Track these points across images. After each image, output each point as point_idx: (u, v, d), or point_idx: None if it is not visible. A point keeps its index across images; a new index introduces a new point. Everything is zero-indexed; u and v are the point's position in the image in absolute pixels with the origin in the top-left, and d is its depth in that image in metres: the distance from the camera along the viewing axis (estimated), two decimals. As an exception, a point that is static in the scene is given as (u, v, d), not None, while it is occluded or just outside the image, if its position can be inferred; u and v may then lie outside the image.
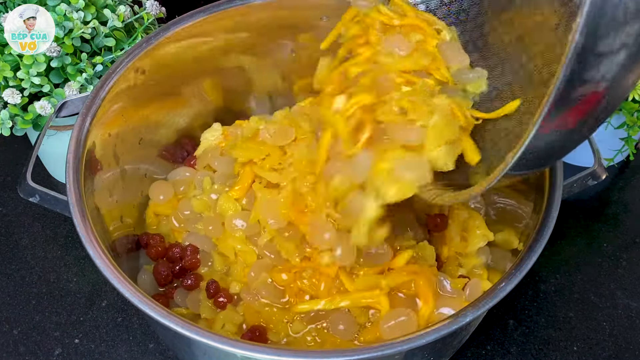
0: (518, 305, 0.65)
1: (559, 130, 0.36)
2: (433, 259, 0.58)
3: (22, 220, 0.73)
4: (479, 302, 0.44)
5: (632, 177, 0.78)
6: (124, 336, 0.63)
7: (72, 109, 0.58)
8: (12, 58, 0.61)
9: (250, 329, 0.55)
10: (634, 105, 0.63)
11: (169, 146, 0.70)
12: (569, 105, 0.34)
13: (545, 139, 0.36)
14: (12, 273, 0.68)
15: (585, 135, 0.42)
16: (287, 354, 0.42)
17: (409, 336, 0.42)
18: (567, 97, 0.33)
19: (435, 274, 0.57)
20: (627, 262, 0.69)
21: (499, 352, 0.62)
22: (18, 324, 0.64)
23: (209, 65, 0.68)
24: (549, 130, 0.35)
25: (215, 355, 0.48)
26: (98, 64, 0.63)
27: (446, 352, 0.54)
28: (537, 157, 0.39)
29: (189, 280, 0.59)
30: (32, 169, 0.52)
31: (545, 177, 0.52)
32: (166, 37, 0.61)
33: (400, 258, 0.56)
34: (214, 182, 0.65)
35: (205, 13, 0.63)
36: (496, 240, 0.61)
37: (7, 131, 0.62)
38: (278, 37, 0.68)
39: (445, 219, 0.62)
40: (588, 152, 0.53)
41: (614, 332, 0.63)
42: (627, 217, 0.73)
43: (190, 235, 0.63)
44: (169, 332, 0.46)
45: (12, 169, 0.79)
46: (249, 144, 0.62)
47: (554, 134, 0.36)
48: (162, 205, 0.66)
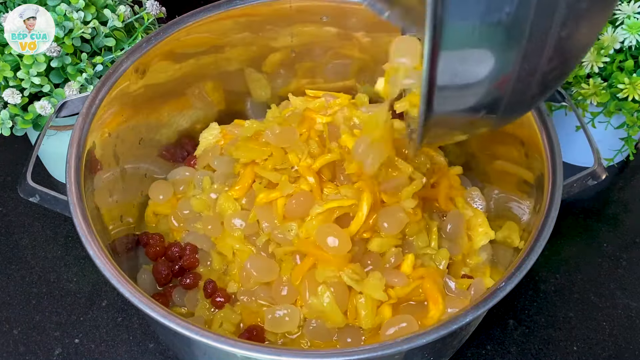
0: (518, 305, 0.65)
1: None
2: (445, 264, 0.59)
3: (22, 220, 0.73)
4: (479, 302, 0.44)
5: (632, 177, 0.78)
6: (124, 336, 0.63)
7: (72, 109, 0.58)
8: (12, 58, 0.61)
9: (248, 329, 0.55)
10: (634, 105, 0.63)
11: (169, 146, 0.70)
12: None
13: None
14: (12, 273, 0.68)
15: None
16: (287, 354, 0.42)
17: (409, 336, 0.42)
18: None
19: (442, 275, 0.57)
20: (627, 262, 0.69)
21: (499, 352, 0.62)
22: (18, 324, 0.64)
23: (209, 66, 0.68)
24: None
25: (215, 355, 0.48)
26: (98, 64, 0.63)
27: (446, 352, 0.54)
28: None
29: (187, 280, 0.59)
30: (32, 169, 0.52)
31: (545, 176, 0.52)
32: (166, 37, 0.61)
33: (405, 265, 0.57)
34: (214, 181, 0.65)
35: (205, 13, 0.63)
36: (498, 239, 0.62)
37: (7, 131, 0.62)
38: (278, 37, 0.68)
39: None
40: (588, 152, 0.53)
41: (613, 332, 0.63)
42: (627, 217, 0.73)
43: (190, 235, 0.63)
44: (169, 332, 0.46)
45: (12, 169, 0.79)
46: (251, 144, 0.62)
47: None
48: (161, 204, 0.66)
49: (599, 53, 0.63)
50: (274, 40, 0.69)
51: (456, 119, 0.37)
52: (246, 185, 0.61)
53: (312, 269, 0.55)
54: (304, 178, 0.59)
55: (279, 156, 0.61)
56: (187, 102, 0.69)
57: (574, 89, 0.66)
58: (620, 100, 0.64)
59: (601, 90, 0.64)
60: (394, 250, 0.57)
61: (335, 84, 0.74)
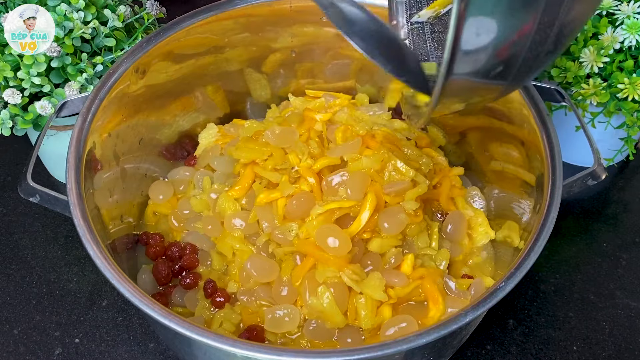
0: (518, 305, 0.65)
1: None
2: (445, 264, 0.59)
3: (22, 220, 0.73)
4: (479, 302, 0.44)
5: (632, 177, 0.78)
6: (124, 336, 0.63)
7: (72, 109, 0.58)
8: (12, 58, 0.61)
9: (248, 328, 0.55)
10: (634, 105, 0.63)
11: (169, 146, 0.70)
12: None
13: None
14: (12, 273, 0.68)
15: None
16: (287, 354, 0.42)
17: (409, 336, 0.42)
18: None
19: (441, 275, 0.57)
20: (627, 262, 0.69)
21: (499, 351, 0.62)
22: (18, 324, 0.64)
23: (209, 66, 0.68)
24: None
25: (215, 355, 0.48)
26: (98, 64, 0.63)
27: (446, 352, 0.54)
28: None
29: (187, 279, 0.59)
30: (32, 169, 0.52)
31: (545, 176, 0.52)
32: (166, 37, 0.61)
33: (405, 265, 0.57)
34: (214, 181, 0.65)
35: (205, 13, 0.63)
36: (498, 238, 0.62)
37: (8, 131, 0.62)
38: (278, 38, 0.68)
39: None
40: (588, 152, 0.53)
41: (613, 332, 0.63)
42: (627, 217, 0.73)
43: (189, 235, 0.63)
44: (169, 332, 0.46)
45: (12, 169, 0.79)
46: (251, 144, 0.62)
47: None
48: (161, 204, 0.66)
49: (599, 53, 0.63)
50: (274, 41, 0.69)
51: (473, 81, 0.37)
52: (246, 186, 0.61)
53: (312, 269, 0.55)
54: (304, 178, 0.59)
55: (279, 156, 0.61)
56: (187, 102, 0.69)
57: (574, 89, 0.66)
58: (620, 100, 0.64)
59: (601, 90, 0.64)
60: (394, 251, 0.57)
61: (335, 84, 0.74)
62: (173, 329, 0.43)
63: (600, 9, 0.64)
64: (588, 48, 0.63)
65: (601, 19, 0.64)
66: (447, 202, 0.63)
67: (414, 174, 0.58)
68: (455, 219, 0.62)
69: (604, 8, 0.64)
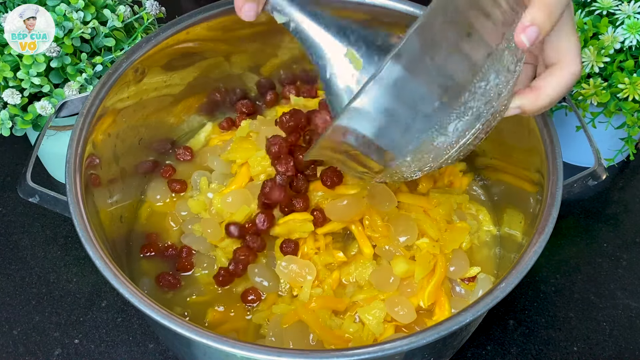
0: (518, 305, 0.65)
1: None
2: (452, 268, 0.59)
3: (22, 221, 0.73)
4: (479, 302, 0.44)
5: (632, 177, 0.78)
6: (124, 336, 0.63)
7: (72, 109, 0.58)
8: (12, 58, 0.61)
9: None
10: (634, 105, 0.63)
11: (169, 146, 0.70)
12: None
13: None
14: (12, 273, 0.68)
15: None
16: (287, 354, 0.42)
17: (409, 336, 0.42)
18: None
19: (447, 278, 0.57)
20: (627, 262, 0.69)
21: (499, 352, 0.62)
22: (18, 324, 0.64)
23: (208, 65, 0.68)
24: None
25: (215, 355, 0.48)
26: (98, 64, 0.63)
27: (446, 352, 0.54)
28: None
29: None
30: (32, 169, 0.52)
31: (545, 177, 0.52)
32: (166, 37, 0.61)
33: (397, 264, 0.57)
34: (211, 181, 0.65)
35: (205, 13, 0.62)
36: (500, 236, 0.62)
37: (7, 131, 0.62)
38: (280, 37, 0.68)
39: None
40: (588, 152, 0.53)
41: (614, 332, 0.63)
42: (627, 217, 0.73)
43: (186, 237, 0.62)
44: (169, 333, 0.46)
45: (12, 169, 0.79)
46: (245, 144, 0.62)
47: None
48: (159, 205, 0.66)
49: (599, 53, 0.63)
50: (275, 41, 0.69)
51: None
52: (242, 185, 0.61)
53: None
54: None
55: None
56: (187, 102, 0.69)
57: (574, 89, 0.66)
58: (620, 100, 0.64)
59: (601, 90, 0.64)
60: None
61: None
62: (173, 329, 0.42)
63: (600, 9, 0.64)
64: (588, 48, 0.63)
65: (601, 19, 0.64)
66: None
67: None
68: (459, 218, 0.62)
69: (604, 8, 0.64)
